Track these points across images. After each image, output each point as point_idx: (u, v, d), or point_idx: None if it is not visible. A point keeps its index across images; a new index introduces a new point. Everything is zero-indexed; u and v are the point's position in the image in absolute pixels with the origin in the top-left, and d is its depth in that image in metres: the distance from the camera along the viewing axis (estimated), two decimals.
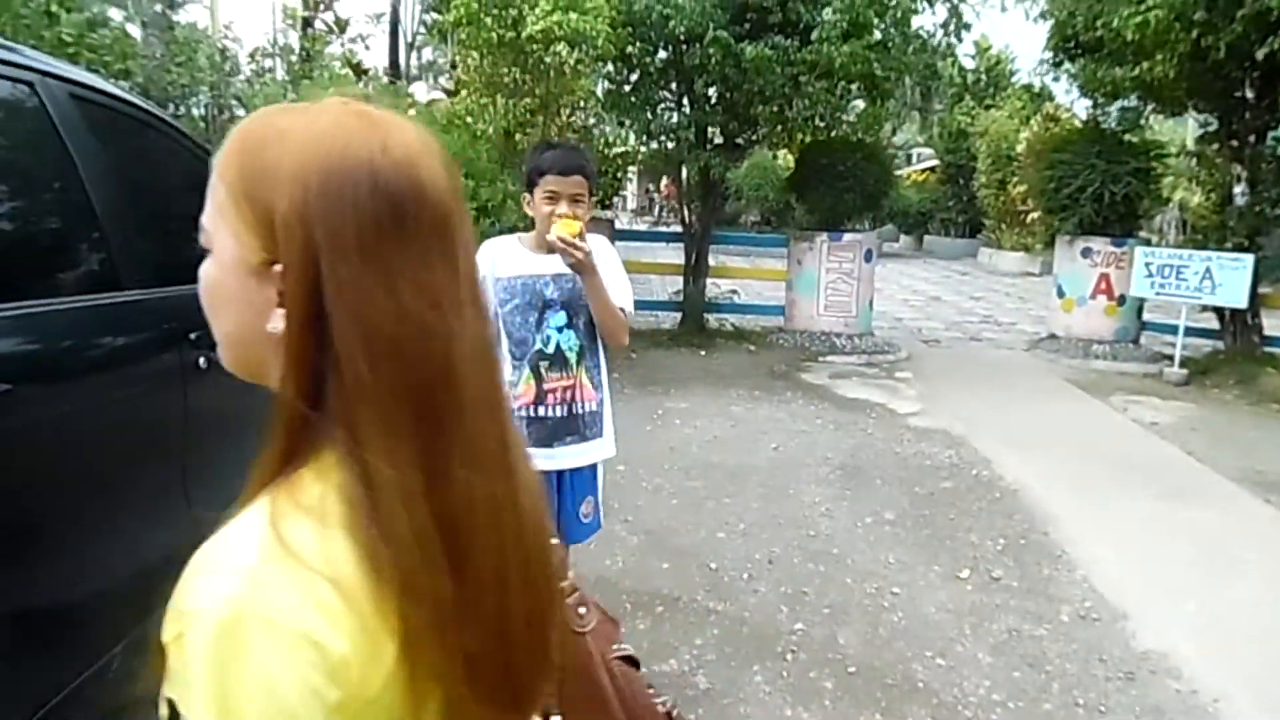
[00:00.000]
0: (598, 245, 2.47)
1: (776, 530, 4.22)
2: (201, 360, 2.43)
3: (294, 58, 7.55)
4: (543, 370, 2.44)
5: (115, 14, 7.70)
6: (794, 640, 3.21)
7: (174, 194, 2.82)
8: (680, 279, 9.90)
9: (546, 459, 2.45)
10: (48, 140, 2.07)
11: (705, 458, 5.31)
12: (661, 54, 8.46)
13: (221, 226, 0.70)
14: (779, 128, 8.92)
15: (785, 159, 16.80)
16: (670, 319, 9.92)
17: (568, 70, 7.29)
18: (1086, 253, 9.13)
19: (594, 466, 2.59)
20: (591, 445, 2.55)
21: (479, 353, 0.71)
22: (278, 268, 0.67)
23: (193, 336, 2.41)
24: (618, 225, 9.92)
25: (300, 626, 0.61)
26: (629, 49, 7.98)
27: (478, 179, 6.43)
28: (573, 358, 2.46)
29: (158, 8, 7.59)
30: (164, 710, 0.63)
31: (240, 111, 6.62)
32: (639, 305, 10.88)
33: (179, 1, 8.14)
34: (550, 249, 2.32)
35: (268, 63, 7.43)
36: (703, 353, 8.61)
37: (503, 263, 2.43)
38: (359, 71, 7.76)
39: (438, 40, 14.82)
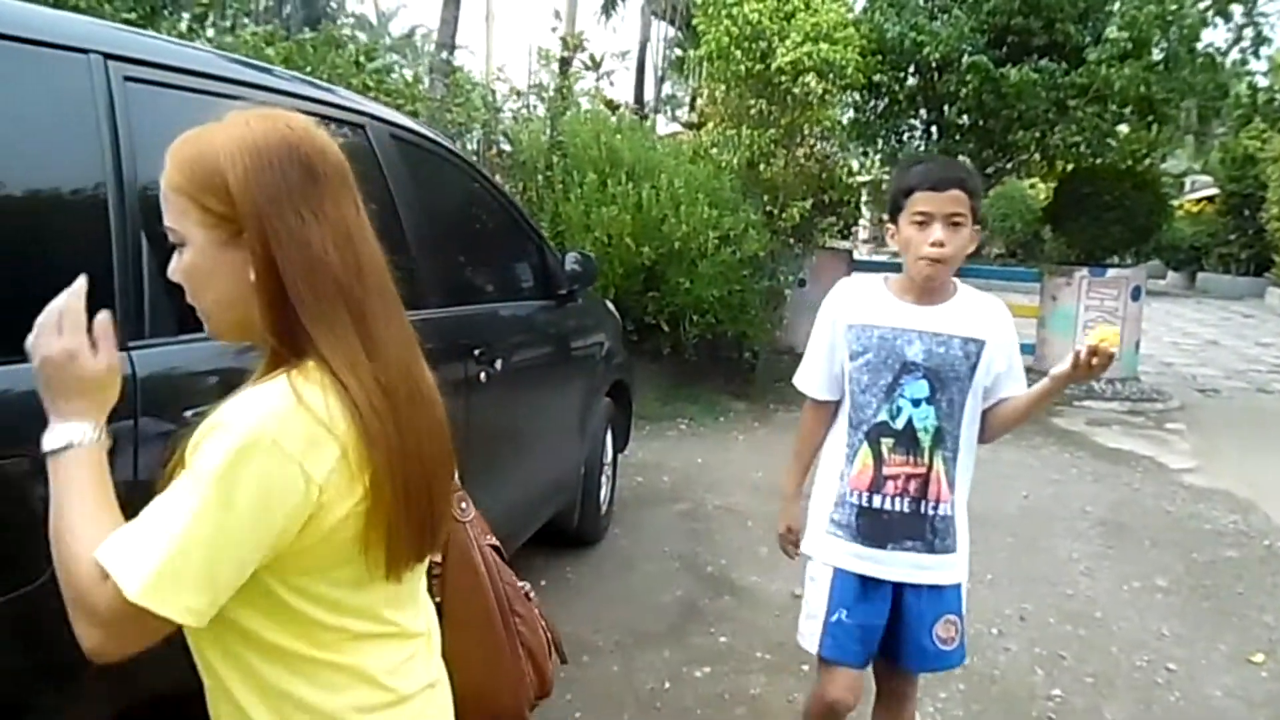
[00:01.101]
0: (1005, 320, 1.99)
1: (1028, 585, 3.94)
2: (483, 375, 2.64)
3: (548, 94, 8.03)
4: (884, 449, 1.92)
5: (393, 59, 8.60)
6: (1051, 707, 2.97)
7: (464, 222, 3.10)
8: None
9: (875, 563, 1.95)
10: (374, 176, 2.34)
11: None
12: (911, 81, 8.25)
13: (186, 223, 0.92)
14: (1038, 155, 8.39)
15: (1037, 188, 15.78)
16: None
17: (814, 100, 7.27)
18: None
19: (956, 585, 2.03)
20: (941, 561, 1.96)
21: (384, 272, 0.98)
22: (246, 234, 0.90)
23: (476, 352, 2.63)
24: (855, 256, 9.72)
25: (297, 454, 0.86)
26: (877, 77, 7.84)
27: (721, 208, 6.55)
28: (926, 440, 1.90)
29: (442, 55, 8.44)
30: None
31: (506, 146, 7.17)
32: None
33: (456, 46, 9.02)
34: (922, 296, 1.92)
35: (530, 100, 7.97)
36: None
37: (858, 306, 1.97)
38: (612, 107, 8.14)
39: (679, 75, 15.29)
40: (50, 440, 0.92)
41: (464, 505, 1.30)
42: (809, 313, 8.26)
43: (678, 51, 14.48)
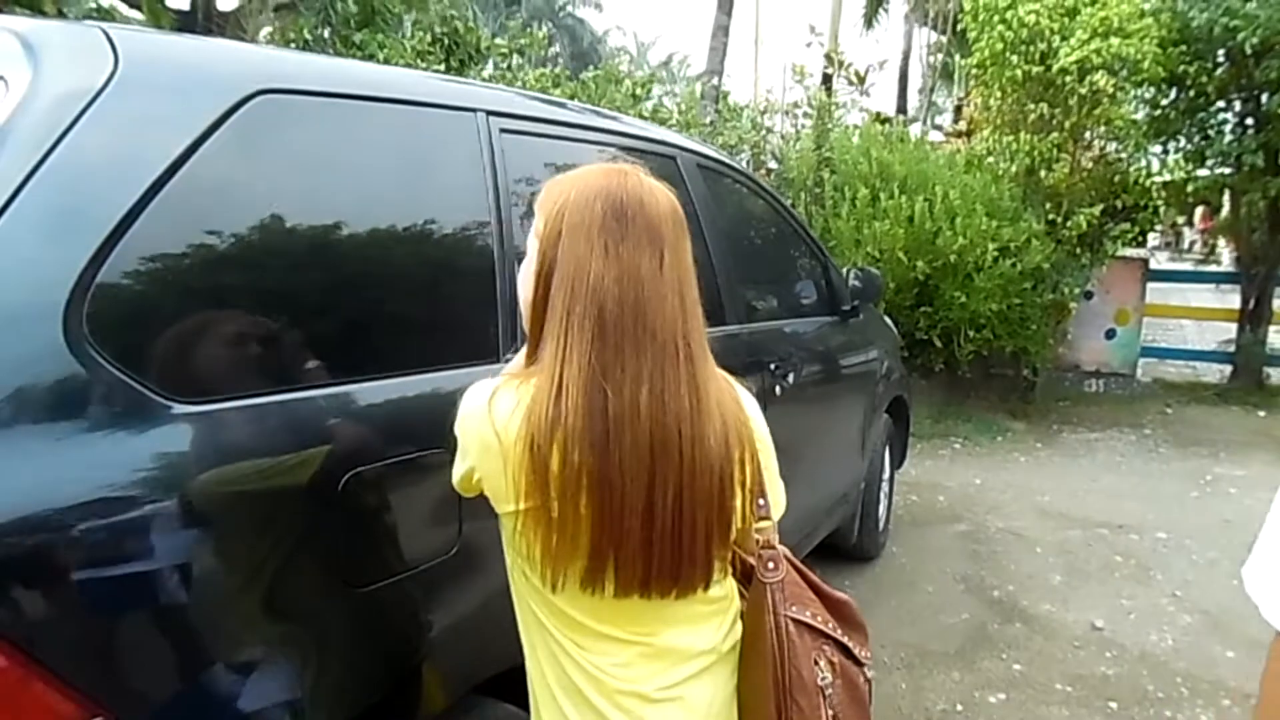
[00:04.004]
0: None
1: None
2: (778, 388, 2.75)
3: (812, 112, 8.05)
4: None
5: (656, 89, 9.03)
6: None
7: (759, 242, 3.24)
8: (1222, 326, 8.54)
9: None
10: (684, 203, 2.52)
11: None
12: (1220, 70, 7.42)
13: (530, 234, 1.14)
14: None
15: None
16: (1212, 372, 8.58)
17: (1104, 99, 6.76)
18: None
19: None
20: None
21: (675, 325, 1.06)
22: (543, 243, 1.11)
23: (772, 366, 2.74)
24: (1152, 265, 8.86)
25: (469, 440, 1.09)
26: (1180, 69, 7.15)
27: (1000, 219, 6.26)
28: None
29: (714, 81, 8.81)
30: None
31: (774, 165, 7.31)
32: (1173, 354, 9.41)
33: (724, 72, 9.37)
34: None
35: (795, 116, 8.05)
36: (1262, 413, 7.29)
37: None
38: (882, 120, 8.04)
39: (945, 82, 14.71)
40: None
41: (772, 565, 1.22)
42: (1096, 326, 7.69)
43: (942, 58, 13.96)
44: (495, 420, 1.04)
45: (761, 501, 1.21)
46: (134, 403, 1.10)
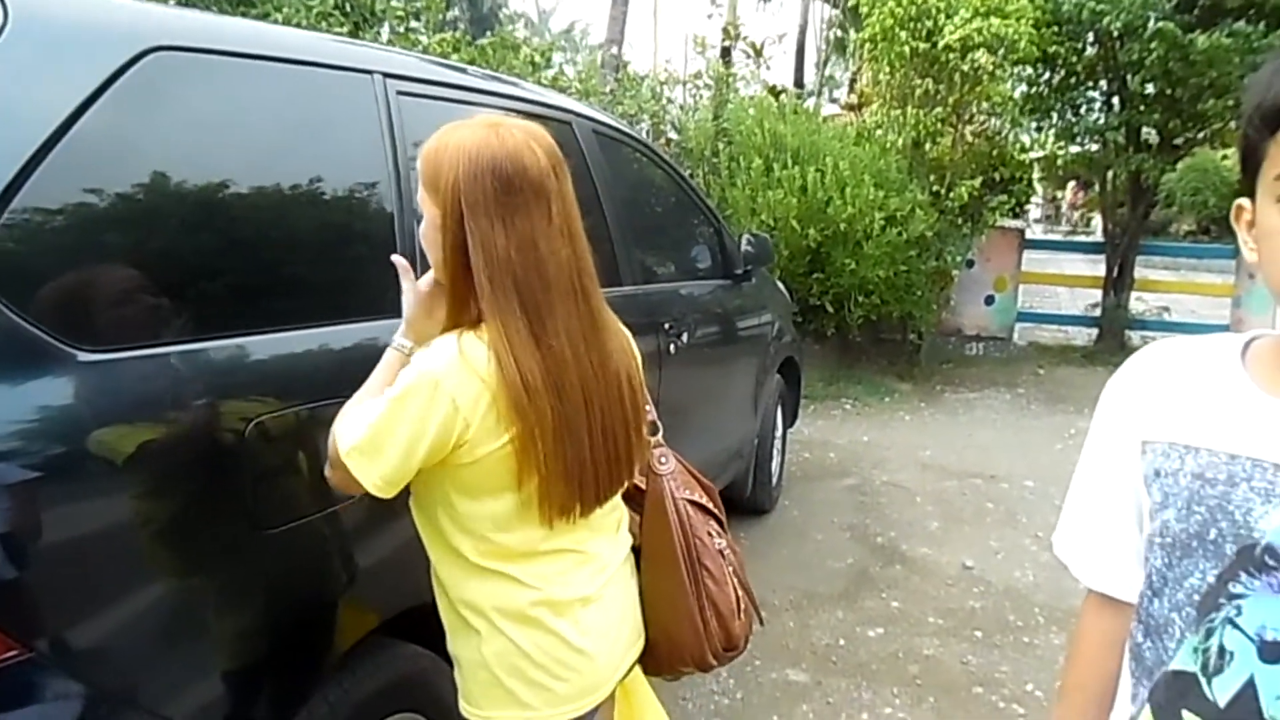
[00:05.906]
0: None
1: None
2: (671, 347, 2.89)
3: (710, 82, 8.20)
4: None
5: (557, 57, 9.02)
6: None
7: (654, 207, 3.35)
8: (1092, 292, 9.15)
9: None
10: (580, 169, 2.61)
11: None
12: (1089, 51, 7.90)
13: (423, 201, 1.23)
14: (1234, 124, 7.84)
15: (1231, 159, 14.64)
16: (1082, 335, 9.19)
17: (984, 76, 7.12)
18: None
19: None
20: None
21: (569, 270, 1.19)
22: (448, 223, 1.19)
23: (666, 326, 2.87)
24: (1028, 235, 9.39)
25: (453, 396, 1.13)
26: (1052, 49, 7.57)
27: (887, 189, 6.55)
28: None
29: (612, 50, 8.85)
30: None
31: (674, 135, 7.43)
32: (1046, 319, 10.02)
33: (623, 41, 9.42)
34: None
35: (694, 88, 8.18)
36: None
37: (1174, 400, 0.87)
38: (775, 93, 8.24)
39: (840, 57, 15.08)
40: (393, 340, 1.30)
41: (664, 460, 1.43)
42: (977, 293, 8.11)
43: (838, 33, 14.32)
44: (476, 366, 1.15)
45: (648, 406, 1.38)
46: (42, 350, 1.14)
